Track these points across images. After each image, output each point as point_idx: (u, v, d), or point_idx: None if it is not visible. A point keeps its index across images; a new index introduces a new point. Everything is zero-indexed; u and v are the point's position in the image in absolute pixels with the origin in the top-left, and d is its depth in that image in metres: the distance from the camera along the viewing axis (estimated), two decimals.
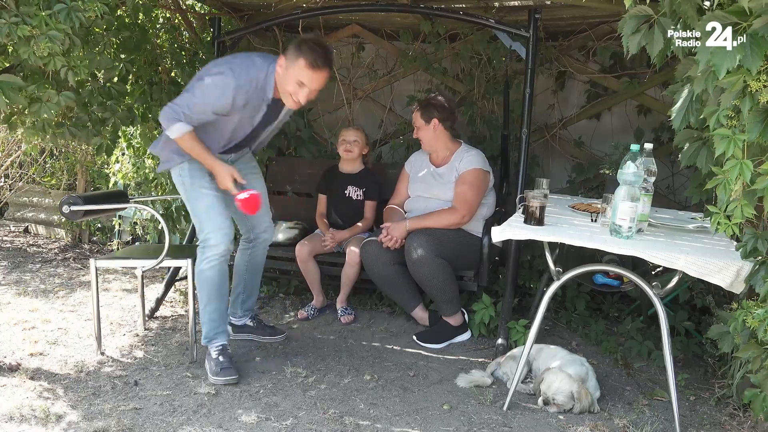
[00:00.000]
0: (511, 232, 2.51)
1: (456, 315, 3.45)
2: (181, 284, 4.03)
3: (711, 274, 2.22)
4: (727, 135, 1.90)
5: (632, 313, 3.77)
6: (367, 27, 4.57)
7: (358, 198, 3.86)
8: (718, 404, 2.81)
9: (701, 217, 2.94)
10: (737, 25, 1.80)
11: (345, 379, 2.93)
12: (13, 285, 4.18)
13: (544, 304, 2.61)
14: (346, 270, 3.62)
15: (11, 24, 2.35)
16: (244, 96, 2.72)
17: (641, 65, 4.07)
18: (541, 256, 3.20)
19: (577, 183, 4.30)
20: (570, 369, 2.72)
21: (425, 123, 3.49)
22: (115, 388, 2.74)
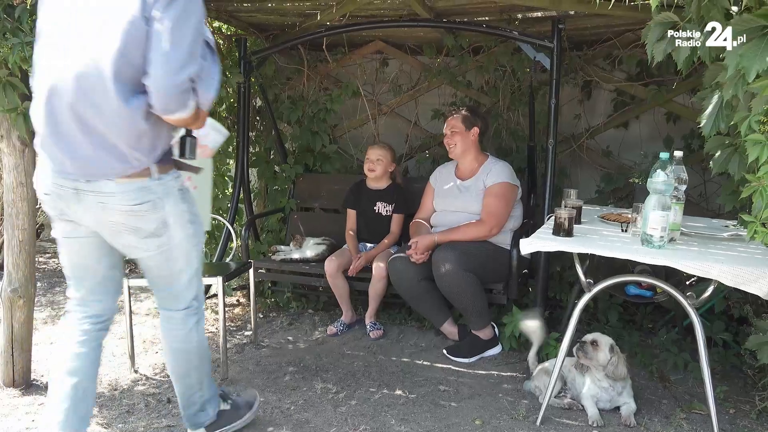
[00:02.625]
0: (540, 244, 2.49)
1: (486, 329, 3.42)
2: (210, 302, 4.07)
3: (747, 283, 2.17)
4: (760, 141, 1.87)
5: (667, 325, 3.69)
6: (390, 42, 4.60)
7: (387, 214, 3.86)
8: (759, 417, 2.73)
9: (735, 225, 2.87)
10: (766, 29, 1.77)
11: (375, 395, 2.92)
12: (49, 305, 4.27)
13: (575, 317, 2.58)
14: (373, 285, 3.62)
15: (25, 44, 2.41)
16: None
17: (668, 72, 4.02)
18: (571, 268, 3.16)
19: (606, 193, 4.25)
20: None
21: (465, 129, 3.49)
22: (149, 405, 2.77)
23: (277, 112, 4.61)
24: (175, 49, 1.81)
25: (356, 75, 4.78)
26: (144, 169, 1.96)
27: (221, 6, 3.78)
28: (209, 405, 2.39)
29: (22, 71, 2.59)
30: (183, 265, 2.16)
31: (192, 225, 2.13)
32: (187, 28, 1.83)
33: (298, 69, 4.73)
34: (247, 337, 3.65)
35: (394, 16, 3.78)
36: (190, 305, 2.23)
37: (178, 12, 1.81)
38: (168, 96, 1.85)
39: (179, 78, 1.83)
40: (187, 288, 2.20)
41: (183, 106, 1.89)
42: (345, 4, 3.47)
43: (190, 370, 2.30)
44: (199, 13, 1.88)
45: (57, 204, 2.03)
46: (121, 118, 1.86)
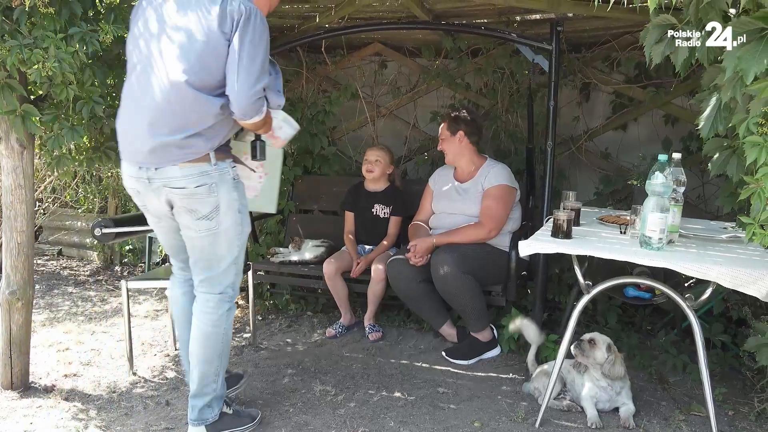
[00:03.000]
0: (539, 246, 2.49)
1: (485, 331, 3.41)
2: None
3: (746, 285, 2.17)
4: (758, 143, 1.87)
5: (666, 326, 3.69)
6: (389, 45, 4.61)
7: (385, 216, 3.86)
8: (758, 419, 2.73)
9: (733, 226, 2.88)
10: (764, 31, 1.77)
11: (374, 397, 2.91)
12: (47, 307, 4.27)
13: (574, 319, 2.58)
14: (372, 287, 3.62)
15: (23, 46, 2.40)
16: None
17: (666, 74, 4.03)
18: (570, 270, 3.17)
19: (604, 195, 4.25)
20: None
21: (451, 135, 3.50)
22: (147, 408, 2.77)
23: None
24: (252, 66, 2.17)
25: (355, 77, 4.79)
26: (204, 155, 2.24)
27: None
28: (216, 403, 2.45)
29: (21, 73, 2.59)
30: (225, 252, 2.38)
31: (240, 214, 2.38)
32: (260, 47, 2.20)
33: (297, 71, 4.73)
34: (245, 339, 3.65)
35: (393, 19, 3.78)
36: (225, 291, 2.42)
37: (253, 34, 2.18)
38: (247, 104, 2.20)
39: (255, 89, 2.19)
40: (224, 274, 2.40)
41: (258, 112, 2.24)
42: (344, 7, 3.48)
43: (214, 357, 2.40)
44: (268, 34, 2.24)
45: (139, 199, 2.39)
46: (195, 115, 2.21)
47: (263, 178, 2.71)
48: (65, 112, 2.74)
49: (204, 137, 2.24)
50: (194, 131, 2.21)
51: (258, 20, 2.19)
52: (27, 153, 2.74)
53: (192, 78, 2.17)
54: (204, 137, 2.24)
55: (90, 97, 2.70)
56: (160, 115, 2.21)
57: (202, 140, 2.23)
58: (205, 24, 2.16)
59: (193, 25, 2.18)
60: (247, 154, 2.51)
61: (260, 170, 2.64)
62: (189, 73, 2.17)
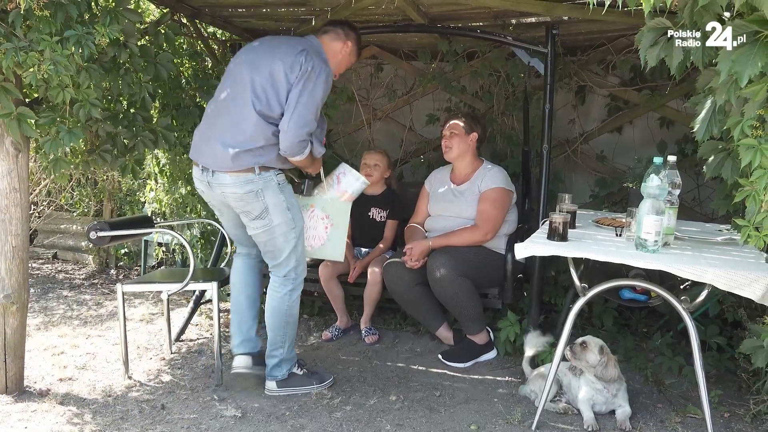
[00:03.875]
0: (535, 248, 2.49)
1: (481, 333, 3.41)
2: (206, 307, 4.06)
3: (741, 287, 2.17)
4: (752, 145, 1.88)
5: (661, 329, 3.70)
6: (385, 47, 4.61)
7: (381, 219, 3.86)
8: (753, 421, 2.73)
9: (729, 229, 2.89)
10: (758, 34, 1.78)
11: (371, 400, 2.91)
12: (42, 311, 4.25)
13: (570, 321, 2.58)
14: (368, 290, 3.61)
15: (18, 49, 2.40)
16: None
17: (661, 77, 4.05)
18: (566, 272, 3.17)
19: (600, 197, 4.26)
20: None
21: (465, 132, 3.49)
22: (143, 412, 2.76)
23: None
24: (305, 112, 2.64)
25: (351, 80, 4.79)
26: (249, 167, 2.69)
27: (216, 12, 3.78)
28: (285, 365, 2.92)
29: (16, 76, 2.58)
30: (282, 243, 2.82)
31: (289, 212, 2.80)
32: (315, 98, 2.66)
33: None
34: None
35: (389, 22, 3.78)
36: (288, 275, 2.87)
37: (313, 87, 2.65)
38: (292, 143, 2.66)
39: (302, 132, 2.65)
40: (286, 260, 2.86)
41: (301, 152, 2.70)
42: (340, 10, 3.48)
43: (279, 326, 2.88)
44: (325, 89, 2.69)
45: (205, 197, 2.94)
46: (251, 135, 2.67)
47: (329, 228, 3.10)
48: (61, 115, 2.73)
49: (252, 153, 2.68)
50: (247, 148, 2.66)
51: (321, 77, 2.67)
52: (22, 156, 2.74)
53: (259, 107, 2.66)
54: (252, 153, 2.68)
55: (86, 99, 2.69)
56: (227, 132, 2.70)
57: (251, 156, 2.68)
58: (280, 69, 2.66)
59: (272, 67, 2.67)
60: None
61: (326, 221, 3.07)
62: (257, 104, 2.66)
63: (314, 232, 3.07)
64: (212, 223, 4.03)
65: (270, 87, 2.67)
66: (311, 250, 3.12)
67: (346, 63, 2.96)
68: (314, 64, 2.66)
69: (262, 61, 2.72)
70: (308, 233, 3.07)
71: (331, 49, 2.87)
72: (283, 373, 2.93)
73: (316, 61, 2.68)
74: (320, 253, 3.16)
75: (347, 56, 2.94)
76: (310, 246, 3.10)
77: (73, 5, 2.47)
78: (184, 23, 3.90)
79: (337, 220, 3.12)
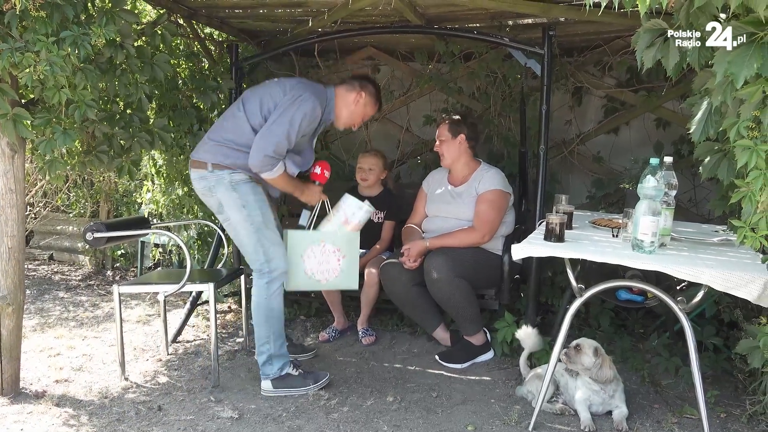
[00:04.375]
0: (532, 249, 2.49)
1: (478, 334, 3.42)
2: (202, 308, 4.05)
3: (737, 288, 2.18)
4: (748, 146, 1.88)
5: (658, 329, 3.70)
6: (382, 49, 4.61)
7: (379, 221, 3.86)
8: (750, 421, 2.74)
9: (725, 229, 2.89)
10: (754, 35, 1.79)
11: (367, 401, 2.91)
12: (38, 312, 4.24)
13: (567, 322, 2.58)
14: (365, 291, 3.61)
15: (14, 50, 2.39)
16: (320, 115, 2.92)
17: (658, 78, 4.06)
18: (563, 273, 3.17)
19: (597, 198, 4.27)
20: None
21: (452, 136, 3.49)
22: (139, 413, 2.75)
23: None
24: (276, 130, 2.79)
25: None
26: (203, 162, 2.87)
27: (213, 12, 3.77)
28: (276, 361, 2.93)
29: (12, 77, 2.57)
30: (244, 238, 2.90)
31: (245, 208, 2.86)
32: (292, 121, 2.80)
33: (290, 75, 4.73)
34: (238, 344, 3.63)
35: (386, 23, 3.79)
36: (261, 268, 2.90)
37: (293, 109, 2.81)
38: (256, 157, 2.78)
39: (269, 148, 2.77)
40: (255, 254, 2.90)
41: (267, 168, 2.80)
42: (336, 11, 3.48)
43: (261, 322, 2.91)
44: (306, 117, 2.82)
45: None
46: (230, 129, 2.91)
47: (341, 260, 3.16)
48: (57, 115, 2.72)
49: (220, 149, 2.85)
50: (221, 142, 2.86)
51: (305, 105, 2.82)
52: (18, 157, 2.73)
53: (244, 110, 2.90)
54: (220, 149, 2.85)
55: (82, 100, 2.69)
56: (214, 128, 2.98)
57: (210, 154, 2.86)
58: (278, 92, 2.89)
59: (272, 89, 2.92)
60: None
61: (338, 253, 3.14)
62: (245, 109, 2.90)
63: (327, 266, 3.13)
64: (209, 224, 4.04)
65: (260, 100, 2.89)
66: (326, 282, 3.19)
67: (361, 113, 3.09)
68: (304, 94, 2.84)
69: (268, 86, 2.99)
70: (321, 267, 3.13)
71: (345, 99, 3.04)
72: (275, 371, 2.93)
73: (308, 93, 2.85)
74: (336, 284, 3.23)
75: (362, 107, 3.06)
76: (325, 279, 3.16)
77: (69, 6, 2.47)
78: (181, 24, 3.90)
79: (348, 251, 3.18)
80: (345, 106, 3.05)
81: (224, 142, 2.87)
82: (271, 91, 2.91)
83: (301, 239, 3.08)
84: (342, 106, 3.04)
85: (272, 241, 2.92)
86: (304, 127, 2.84)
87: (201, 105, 3.94)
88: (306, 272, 3.10)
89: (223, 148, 2.86)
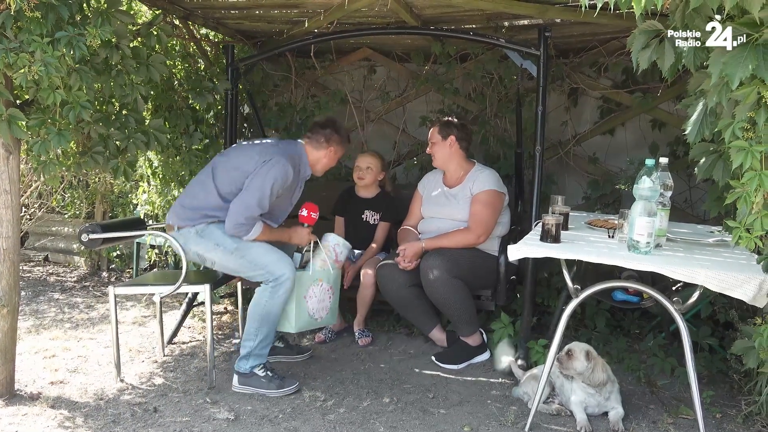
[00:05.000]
0: (528, 250, 2.50)
1: (474, 335, 3.42)
2: (198, 310, 4.04)
3: (732, 288, 2.18)
4: (743, 147, 1.89)
5: (654, 330, 3.71)
6: (378, 50, 4.62)
7: (375, 222, 3.86)
8: (745, 422, 2.75)
9: (720, 230, 2.90)
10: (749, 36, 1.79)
11: (364, 402, 2.91)
12: (33, 314, 4.22)
13: (563, 323, 2.59)
14: (361, 292, 3.61)
15: (9, 50, 2.38)
16: (293, 173, 3.02)
17: (653, 80, 4.07)
18: (559, 274, 3.18)
19: (593, 199, 4.27)
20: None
21: (442, 139, 3.50)
22: (135, 415, 2.74)
23: (265, 119, 4.60)
24: (242, 200, 2.93)
25: (344, 82, 4.79)
26: (171, 225, 3.09)
27: (209, 13, 3.77)
28: (251, 359, 2.97)
29: (6, 77, 2.56)
30: (237, 267, 3.03)
31: (219, 246, 2.98)
32: (263, 187, 2.92)
33: (286, 76, 4.73)
34: (234, 345, 3.62)
35: (382, 24, 3.79)
36: (266, 279, 2.98)
37: (263, 176, 2.93)
38: (229, 225, 2.94)
39: (240, 216, 2.91)
40: (254, 273, 3.00)
41: (244, 233, 2.94)
42: (333, 12, 3.48)
43: (254, 320, 2.97)
44: (277, 181, 2.94)
45: None
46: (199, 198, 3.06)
47: (331, 298, 3.28)
48: (52, 116, 2.71)
49: (179, 217, 3.04)
50: (184, 207, 3.05)
51: (268, 170, 2.92)
52: (13, 158, 2.72)
53: (216, 180, 3.02)
54: (179, 217, 3.04)
55: (77, 101, 2.68)
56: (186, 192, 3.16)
57: (177, 218, 3.05)
58: (248, 166, 2.98)
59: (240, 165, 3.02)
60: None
61: (330, 291, 3.25)
62: (215, 177, 3.03)
63: (322, 304, 3.22)
64: None
65: (230, 170, 3.02)
66: (320, 320, 3.25)
67: (334, 160, 3.24)
68: (274, 158, 2.95)
69: (239, 152, 3.14)
70: (319, 306, 3.21)
71: (316, 155, 3.17)
72: (246, 367, 2.96)
73: (278, 157, 2.97)
74: (326, 321, 3.33)
75: (332, 157, 3.22)
76: (320, 317, 3.24)
77: (64, 6, 2.46)
78: (177, 25, 3.89)
79: (336, 288, 3.33)
80: (317, 161, 3.18)
81: (192, 209, 3.02)
82: (240, 162, 3.01)
83: (304, 280, 3.12)
84: (314, 162, 3.18)
85: (263, 251, 2.99)
86: (277, 190, 2.96)
87: (197, 106, 3.94)
88: (309, 313, 3.17)
89: (188, 211, 3.03)
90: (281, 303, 2.97)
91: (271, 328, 2.98)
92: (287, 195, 3.13)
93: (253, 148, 3.08)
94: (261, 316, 2.95)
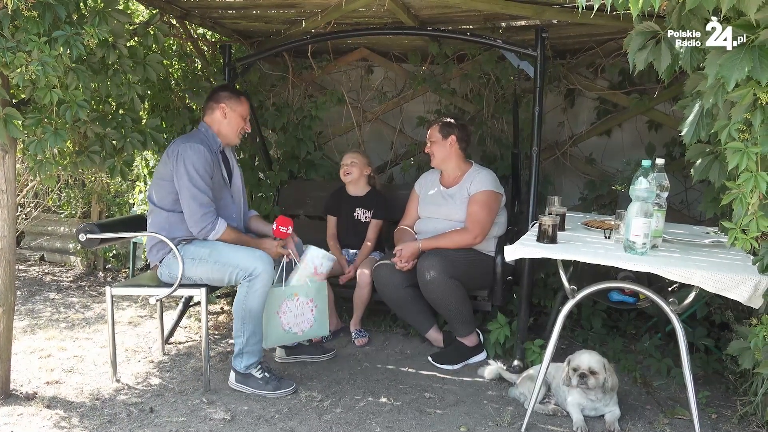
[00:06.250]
0: (525, 250, 2.50)
1: (471, 335, 3.42)
2: (194, 310, 4.03)
3: (728, 289, 2.19)
4: (739, 148, 1.90)
5: (650, 331, 3.72)
6: (375, 50, 4.62)
7: (366, 220, 3.87)
8: (740, 422, 2.75)
9: (716, 231, 2.91)
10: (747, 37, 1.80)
11: (360, 403, 2.91)
12: (29, 314, 4.21)
13: (559, 323, 2.59)
14: (357, 292, 3.61)
15: (5, 49, 2.37)
16: (204, 148, 2.98)
17: (650, 81, 4.08)
18: (555, 274, 3.18)
19: (589, 200, 4.28)
20: None
21: (442, 138, 3.50)
22: (131, 415, 2.74)
23: (262, 118, 4.60)
24: (183, 198, 2.97)
25: (341, 82, 4.79)
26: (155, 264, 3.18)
27: (206, 13, 3.77)
28: (245, 357, 2.97)
29: (3, 77, 2.55)
30: (220, 275, 2.99)
31: (195, 260, 2.99)
32: (184, 182, 2.94)
33: (283, 76, 4.73)
34: (230, 346, 3.61)
35: (379, 24, 3.79)
36: (242, 279, 2.94)
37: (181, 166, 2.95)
38: (191, 224, 2.98)
39: (194, 205, 2.95)
40: (228, 276, 2.97)
41: (207, 227, 2.98)
42: (330, 12, 3.48)
43: (238, 318, 2.97)
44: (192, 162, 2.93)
45: None
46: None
47: (314, 311, 3.23)
48: (48, 116, 2.70)
49: (154, 255, 3.14)
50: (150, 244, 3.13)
51: (180, 159, 2.93)
52: (9, 157, 2.71)
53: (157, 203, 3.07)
54: (154, 255, 3.14)
55: (74, 101, 2.67)
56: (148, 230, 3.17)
57: (154, 256, 3.13)
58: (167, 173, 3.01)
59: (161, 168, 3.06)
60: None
61: (311, 304, 3.21)
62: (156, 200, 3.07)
63: (303, 317, 3.19)
64: None
65: (155, 187, 3.07)
66: (302, 334, 3.22)
67: (235, 118, 3.13)
68: (180, 147, 2.97)
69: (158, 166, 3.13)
70: (298, 320, 3.17)
71: (215, 120, 3.12)
72: (241, 366, 2.97)
73: (179, 142, 3.00)
74: (310, 334, 3.27)
75: (232, 113, 3.12)
76: (301, 331, 3.20)
77: (61, 6, 2.45)
78: (174, 24, 3.89)
79: (319, 301, 3.26)
80: (219, 124, 3.12)
81: (154, 242, 3.09)
82: (160, 172, 3.05)
83: (275, 296, 3.08)
84: (217, 127, 3.12)
85: (233, 249, 2.98)
86: (201, 169, 2.94)
87: (194, 105, 3.93)
88: (283, 327, 3.12)
89: (155, 246, 3.10)
90: (259, 297, 2.93)
91: (256, 324, 2.96)
92: (219, 177, 3.09)
93: (164, 155, 3.08)
94: (243, 313, 2.94)
